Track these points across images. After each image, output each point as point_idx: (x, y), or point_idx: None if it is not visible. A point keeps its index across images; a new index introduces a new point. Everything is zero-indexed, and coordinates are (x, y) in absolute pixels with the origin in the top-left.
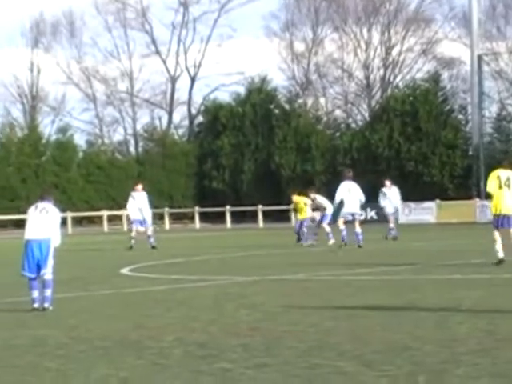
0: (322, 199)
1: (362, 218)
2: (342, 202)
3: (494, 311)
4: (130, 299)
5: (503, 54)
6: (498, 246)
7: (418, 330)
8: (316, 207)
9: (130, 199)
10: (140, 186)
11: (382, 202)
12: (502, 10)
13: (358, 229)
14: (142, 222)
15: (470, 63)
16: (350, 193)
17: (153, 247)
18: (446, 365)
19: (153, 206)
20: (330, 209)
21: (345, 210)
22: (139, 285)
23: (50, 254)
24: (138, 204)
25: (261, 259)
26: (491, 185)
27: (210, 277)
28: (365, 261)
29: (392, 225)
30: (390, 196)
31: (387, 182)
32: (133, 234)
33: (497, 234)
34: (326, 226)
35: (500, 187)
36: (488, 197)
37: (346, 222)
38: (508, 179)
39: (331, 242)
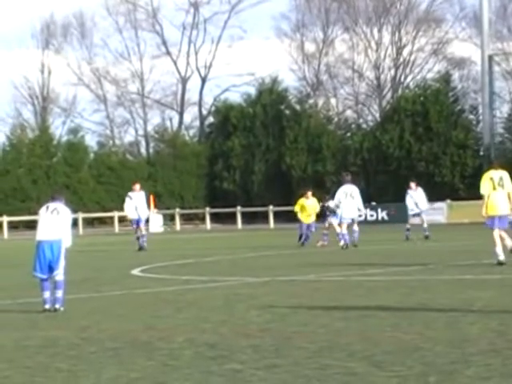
0: (333, 204)
1: (373, 218)
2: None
3: (505, 312)
4: (141, 300)
5: None
6: (499, 249)
7: (428, 331)
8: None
9: (127, 199)
10: (138, 186)
11: (409, 203)
12: None
13: (356, 227)
14: (138, 221)
15: (480, 63)
16: (348, 197)
17: (140, 248)
18: (457, 365)
19: (164, 206)
20: (340, 210)
21: (344, 215)
22: (150, 286)
23: (61, 254)
24: (135, 203)
25: (271, 260)
26: (485, 186)
27: (221, 278)
28: (376, 261)
29: (409, 226)
30: (416, 198)
31: (412, 184)
32: (141, 233)
33: (497, 235)
34: (336, 226)
35: (494, 188)
36: (482, 198)
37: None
38: (501, 179)
39: (342, 242)
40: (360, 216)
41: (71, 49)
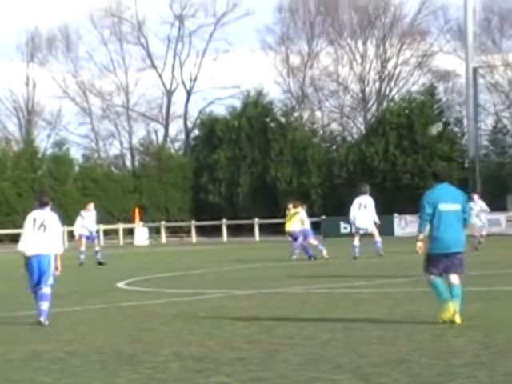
0: (304, 214)
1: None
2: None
3: (490, 324)
4: (126, 313)
5: (498, 66)
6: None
7: (414, 343)
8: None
9: (79, 218)
10: (91, 206)
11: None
12: (497, 23)
13: (377, 238)
14: (90, 237)
15: (465, 76)
16: (361, 209)
17: (99, 263)
18: (443, 377)
19: (149, 219)
20: (308, 223)
21: (356, 225)
22: (135, 299)
23: (50, 268)
24: (86, 222)
25: (257, 272)
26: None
27: (207, 290)
28: (361, 273)
29: (478, 234)
30: (476, 210)
31: (475, 196)
32: (82, 248)
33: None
34: (312, 240)
35: None
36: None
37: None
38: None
39: (324, 252)
40: (377, 224)
41: (56, 61)
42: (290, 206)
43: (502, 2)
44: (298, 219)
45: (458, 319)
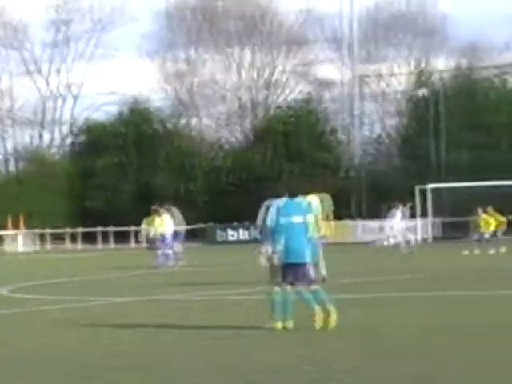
0: (166, 219)
1: (247, 237)
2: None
3: (367, 330)
4: (6, 320)
5: (380, 75)
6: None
7: (297, 349)
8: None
9: None
10: None
11: (388, 221)
12: (379, 32)
13: None
14: None
15: (346, 85)
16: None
17: None
18: (323, 383)
19: (33, 226)
20: (168, 229)
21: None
22: (15, 305)
23: None
24: None
25: (140, 279)
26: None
27: (89, 297)
28: (248, 280)
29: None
30: (393, 218)
31: (397, 203)
32: None
33: None
34: (168, 248)
35: None
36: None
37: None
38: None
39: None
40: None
41: None
42: (155, 208)
43: (386, 10)
44: (158, 224)
45: (325, 322)
